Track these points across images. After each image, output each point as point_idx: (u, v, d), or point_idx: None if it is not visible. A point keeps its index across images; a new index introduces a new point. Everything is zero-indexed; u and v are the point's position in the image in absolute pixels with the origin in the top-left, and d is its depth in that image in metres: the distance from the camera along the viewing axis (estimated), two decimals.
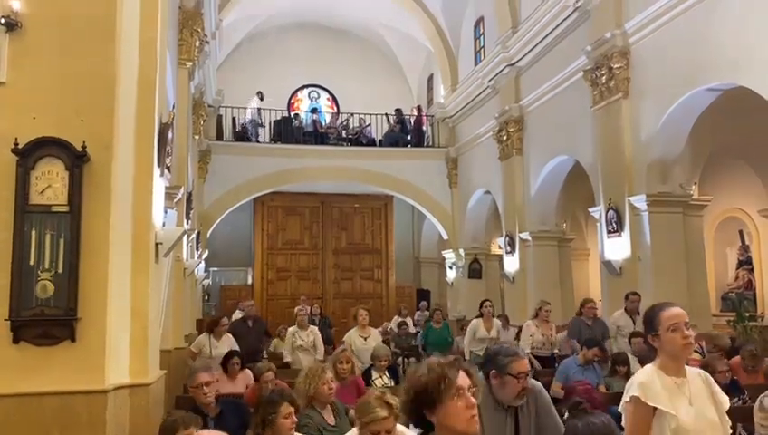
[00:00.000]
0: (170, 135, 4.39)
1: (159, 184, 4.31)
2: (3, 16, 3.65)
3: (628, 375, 5.81)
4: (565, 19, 10.03)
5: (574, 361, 6.27)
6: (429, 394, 1.89)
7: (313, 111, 17.39)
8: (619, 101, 8.55)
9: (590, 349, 6.20)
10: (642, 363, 4.69)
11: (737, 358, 6.08)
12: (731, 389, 4.90)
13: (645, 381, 2.50)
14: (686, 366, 2.60)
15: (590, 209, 9.65)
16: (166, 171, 4.32)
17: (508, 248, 12.59)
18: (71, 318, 3.63)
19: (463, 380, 1.91)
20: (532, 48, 11.23)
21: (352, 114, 16.67)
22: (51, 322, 3.60)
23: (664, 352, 2.55)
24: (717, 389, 2.60)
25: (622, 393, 2.61)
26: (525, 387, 2.82)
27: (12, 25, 3.67)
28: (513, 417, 2.87)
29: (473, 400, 1.90)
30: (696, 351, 6.24)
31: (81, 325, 3.66)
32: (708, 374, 2.67)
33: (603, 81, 8.78)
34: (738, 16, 6.58)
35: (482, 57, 13.90)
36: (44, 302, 3.59)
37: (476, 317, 8.61)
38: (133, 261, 3.93)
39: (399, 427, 2.60)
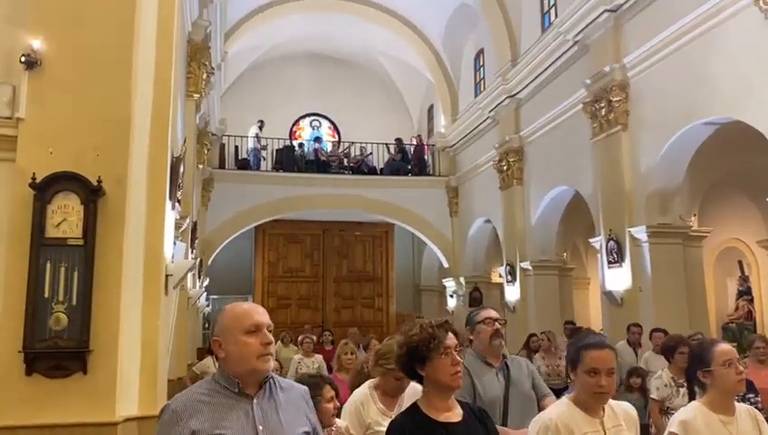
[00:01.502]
0: (182, 169, 4.48)
1: (170, 217, 4.39)
2: (23, 55, 3.77)
3: (642, 389, 5.80)
4: (564, 52, 10.22)
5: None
6: (420, 351, 2.16)
7: (316, 139, 17.56)
8: (619, 134, 8.69)
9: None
10: (667, 358, 4.80)
11: (745, 359, 5.99)
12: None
13: (686, 419, 2.48)
14: (735, 403, 2.55)
15: (590, 240, 9.74)
16: (177, 204, 4.40)
17: (509, 277, 12.63)
18: (83, 350, 3.68)
19: (451, 340, 2.18)
20: (532, 80, 11.42)
21: (353, 143, 16.84)
22: (63, 354, 3.65)
23: (715, 388, 2.51)
24: (767, 427, 2.55)
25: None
26: (497, 330, 3.12)
27: (32, 64, 3.78)
28: (504, 375, 3.13)
29: (458, 358, 2.16)
30: None
31: (93, 357, 3.71)
32: (758, 412, 2.62)
33: (602, 113, 8.93)
34: (734, 52, 6.74)
35: (482, 88, 14.11)
36: (58, 334, 3.64)
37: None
38: (144, 293, 3.99)
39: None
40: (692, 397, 2.72)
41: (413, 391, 2.91)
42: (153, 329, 4.03)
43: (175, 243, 4.85)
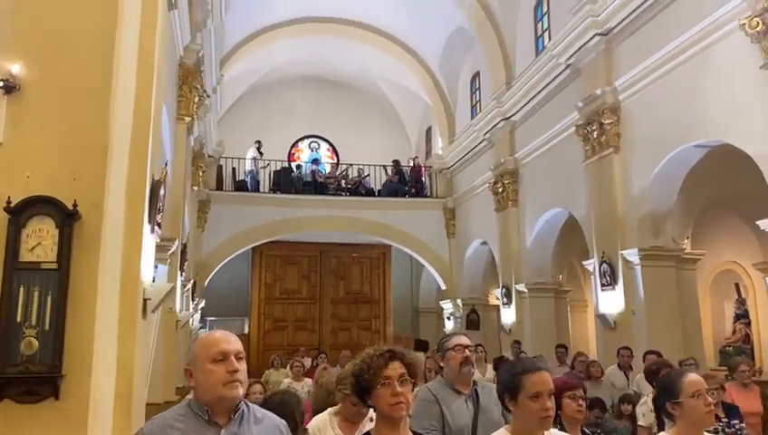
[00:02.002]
0: (162, 192, 4.48)
1: (150, 240, 4.38)
2: (2, 79, 3.78)
3: (632, 416, 5.71)
4: (557, 75, 10.28)
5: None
6: (361, 381, 2.13)
7: (314, 161, 17.63)
8: (611, 156, 8.69)
9: (591, 411, 6.10)
10: (650, 381, 4.69)
11: (728, 384, 5.90)
12: (726, 412, 4.76)
13: None
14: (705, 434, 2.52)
15: (584, 262, 9.69)
16: (156, 227, 4.39)
17: (505, 300, 12.57)
18: (55, 375, 3.64)
19: (392, 369, 2.08)
20: (526, 103, 11.47)
21: (351, 165, 16.89)
22: (35, 379, 3.61)
23: (684, 420, 2.47)
24: None
25: None
26: (467, 357, 3.08)
27: (10, 88, 3.80)
28: (473, 402, 3.08)
29: (399, 389, 2.06)
30: None
31: (66, 382, 3.67)
32: None
33: (595, 136, 8.95)
34: (722, 76, 6.77)
35: (478, 111, 14.19)
36: (29, 359, 3.60)
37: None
38: (120, 317, 3.96)
39: None
40: (661, 428, 2.67)
41: None
42: (129, 353, 3.99)
43: (156, 266, 4.84)
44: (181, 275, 7.88)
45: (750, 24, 6.08)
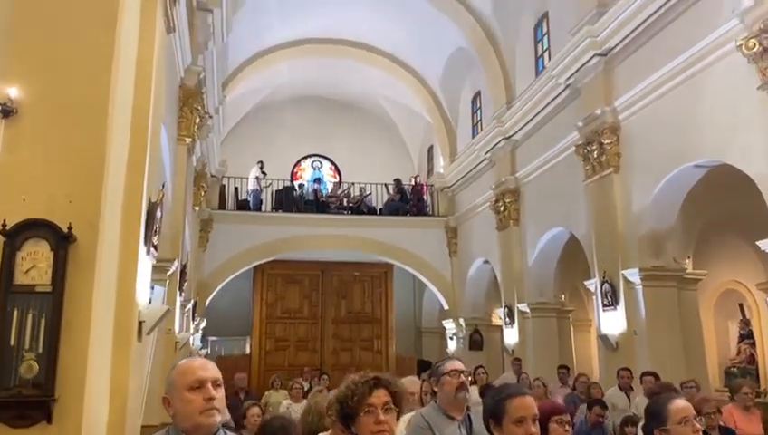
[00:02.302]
0: (159, 213, 4.49)
1: (146, 262, 4.38)
2: (0, 103, 3.82)
3: None
4: (557, 95, 10.32)
5: (582, 425, 6.21)
6: (345, 407, 2.10)
7: (316, 180, 17.68)
8: (611, 176, 8.69)
9: (590, 409, 6.17)
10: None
11: (730, 406, 5.84)
12: None
13: None
14: None
15: (585, 282, 9.65)
16: (152, 249, 4.39)
17: (507, 320, 12.50)
18: (47, 399, 3.62)
19: (377, 397, 2.05)
20: (527, 123, 11.51)
21: (353, 183, 16.92)
22: (27, 403, 3.59)
23: None
24: None
25: None
26: (462, 382, 3.05)
27: (8, 112, 3.83)
28: (467, 428, 3.04)
29: (382, 417, 2.03)
30: None
31: (58, 406, 3.64)
32: None
33: (595, 155, 8.95)
34: (720, 96, 6.78)
35: (479, 130, 14.24)
36: (23, 383, 3.59)
37: (471, 384, 8.50)
38: (115, 340, 3.95)
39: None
40: None
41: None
42: (123, 376, 3.97)
43: (153, 287, 4.83)
44: (180, 295, 7.87)
45: (746, 44, 6.10)
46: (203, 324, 13.38)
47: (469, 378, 8.51)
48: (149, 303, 4.57)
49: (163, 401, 2.02)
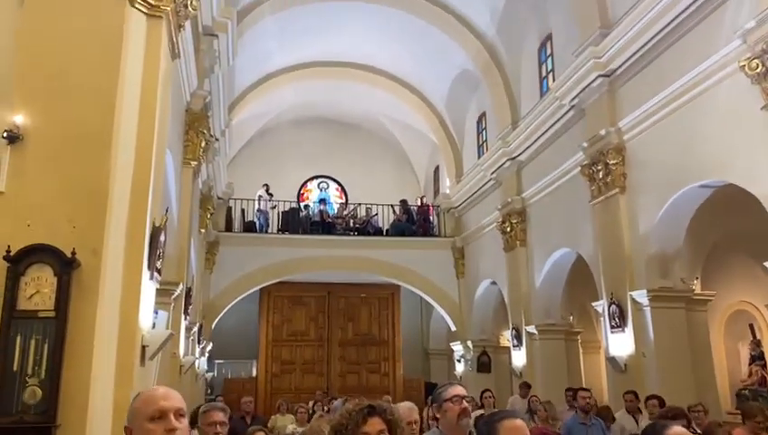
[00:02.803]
0: (162, 237, 4.51)
1: (149, 287, 4.39)
2: (6, 130, 3.86)
3: None
4: (562, 116, 10.33)
5: (576, 418, 6.17)
6: None
7: (322, 201, 17.72)
8: (617, 196, 8.66)
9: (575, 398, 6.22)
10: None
11: (739, 429, 5.72)
12: None
13: None
14: None
15: (593, 304, 9.57)
16: (156, 273, 4.40)
17: (515, 342, 12.39)
18: (50, 425, 3.61)
19: (371, 426, 2.00)
20: (532, 143, 11.52)
21: (359, 204, 16.95)
22: (29, 429, 3.58)
23: None
24: None
25: None
26: (465, 408, 2.95)
27: (14, 138, 3.88)
28: None
29: None
30: None
31: (60, 432, 3.64)
32: None
33: (600, 176, 8.93)
34: (724, 116, 6.76)
35: (484, 150, 14.25)
36: (24, 409, 3.59)
37: (477, 408, 8.44)
38: (117, 365, 3.95)
39: None
40: None
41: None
42: (125, 401, 3.93)
43: (156, 312, 4.83)
44: (186, 318, 7.87)
45: (749, 65, 6.10)
46: (209, 347, 13.34)
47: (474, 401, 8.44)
48: (153, 327, 4.57)
49: (125, 431, 1.94)
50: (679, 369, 7.77)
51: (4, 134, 3.85)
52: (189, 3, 5.16)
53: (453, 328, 15.85)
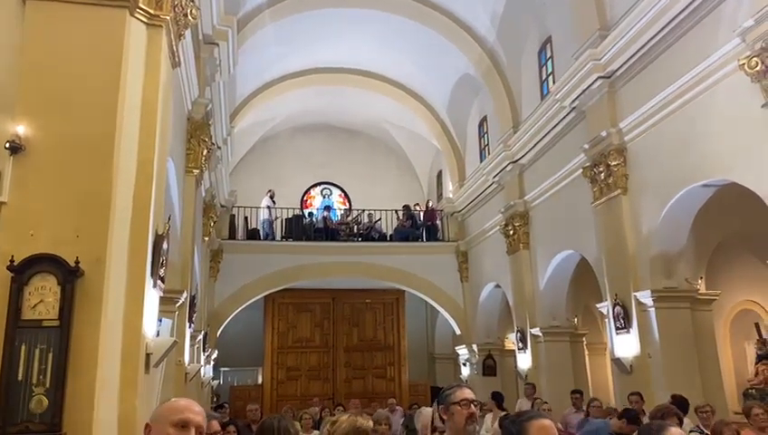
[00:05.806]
0: (165, 245, 4.52)
1: (152, 295, 4.40)
2: (8, 141, 3.89)
3: None
4: (563, 118, 10.34)
5: (605, 425, 6.10)
6: None
7: (326, 208, 17.74)
8: (619, 197, 8.65)
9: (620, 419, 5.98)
10: None
11: (747, 430, 5.69)
12: None
13: None
14: None
15: (597, 305, 9.55)
16: (159, 281, 4.42)
17: (520, 345, 12.36)
18: (55, 433, 3.63)
19: None
20: (533, 146, 11.52)
21: (363, 210, 16.96)
22: None
23: None
24: None
25: None
26: (472, 413, 2.89)
27: (16, 149, 3.91)
28: None
29: None
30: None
31: None
32: None
33: (602, 177, 8.93)
34: (724, 116, 6.76)
35: (486, 154, 14.26)
36: (30, 417, 3.60)
37: (488, 412, 8.48)
38: (122, 373, 3.96)
39: None
40: None
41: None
42: (131, 409, 3.97)
43: (161, 320, 4.85)
44: (190, 326, 7.88)
45: (749, 63, 6.10)
46: (214, 355, 13.34)
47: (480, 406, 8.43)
48: (157, 335, 4.59)
49: (145, 428, 2.01)
50: (685, 369, 7.74)
51: (7, 145, 3.88)
52: (189, 12, 5.19)
53: (458, 332, 15.84)
